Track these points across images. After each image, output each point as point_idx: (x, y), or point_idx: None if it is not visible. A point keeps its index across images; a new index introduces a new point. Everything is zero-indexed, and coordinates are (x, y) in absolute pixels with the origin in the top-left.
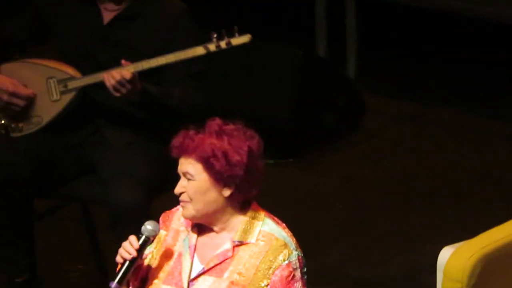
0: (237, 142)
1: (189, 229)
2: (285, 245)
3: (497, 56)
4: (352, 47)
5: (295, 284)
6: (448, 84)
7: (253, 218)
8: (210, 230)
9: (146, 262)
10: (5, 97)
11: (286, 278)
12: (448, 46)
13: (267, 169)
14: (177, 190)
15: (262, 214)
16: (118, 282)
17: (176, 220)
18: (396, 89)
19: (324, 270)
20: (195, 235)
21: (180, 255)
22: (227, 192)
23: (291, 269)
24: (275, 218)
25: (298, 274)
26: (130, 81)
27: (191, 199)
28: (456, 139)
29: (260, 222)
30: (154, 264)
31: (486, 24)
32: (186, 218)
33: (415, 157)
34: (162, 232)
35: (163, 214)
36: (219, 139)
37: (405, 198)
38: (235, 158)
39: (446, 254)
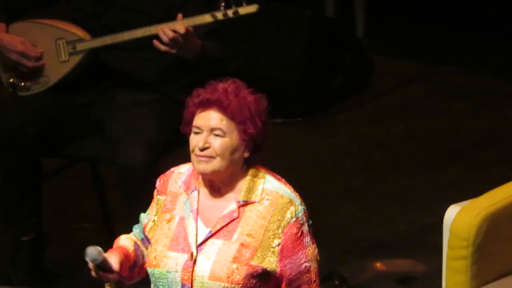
0: (261, 105)
1: (189, 192)
2: (291, 202)
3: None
4: (360, 7)
5: (304, 239)
6: (456, 44)
7: (255, 176)
8: (213, 192)
9: (148, 229)
10: (14, 56)
11: (295, 235)
12: (458, 5)
13: (275, 128)
14: (202, 145)
15: (262, 172)
16: None
17: (173, 183)
18: (404, 49)
19: (331, 230)
20: (196, 198)
21: (182, 219)
22: (247, 154)
23: (299, 225)
24: (276, 174)
25: (305, 228)
26: (184, 36)
27: (217, 155)
28: (464, 99)
29: (262, 180)
30: (156, 230)
31: None
32: (203, 173)
33: (423, 117)
34: (161, 198)
35: (158, 179)
36: (251, 101)
37: (412, 158)
38: (263, 121)
39: (452, 213)
